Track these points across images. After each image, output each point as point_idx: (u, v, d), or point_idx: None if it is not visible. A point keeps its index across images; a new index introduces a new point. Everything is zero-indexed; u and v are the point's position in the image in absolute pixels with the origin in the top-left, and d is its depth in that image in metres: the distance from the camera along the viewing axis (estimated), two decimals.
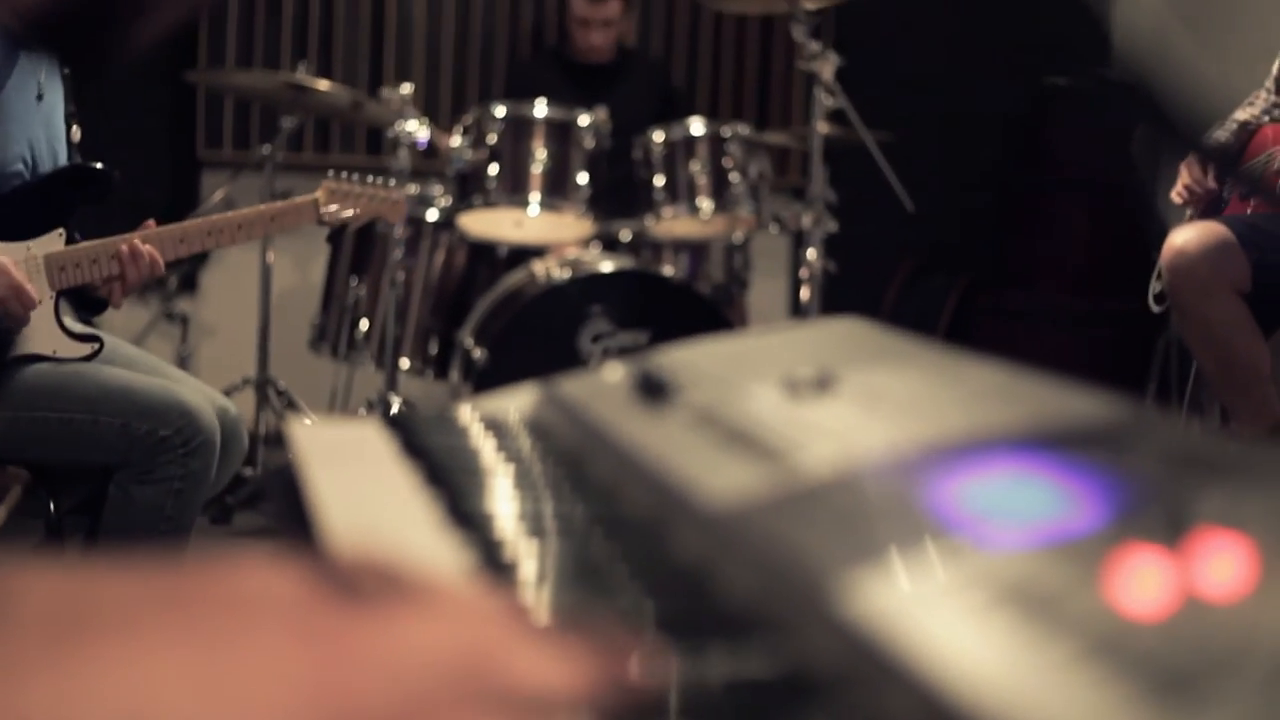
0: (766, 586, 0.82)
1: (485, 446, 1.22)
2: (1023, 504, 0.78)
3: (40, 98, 2.87)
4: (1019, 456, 0.86)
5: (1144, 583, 0.69)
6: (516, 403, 1.37)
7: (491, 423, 1.31)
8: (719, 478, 0.94)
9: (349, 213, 3.19)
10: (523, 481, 1.12)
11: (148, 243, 2.83)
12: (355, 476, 1.12)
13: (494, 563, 0.90)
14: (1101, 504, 0.75)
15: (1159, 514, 0.73)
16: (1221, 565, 0.68)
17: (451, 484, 1.06)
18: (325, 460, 1.11)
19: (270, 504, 3.17)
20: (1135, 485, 0.77)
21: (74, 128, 3.00)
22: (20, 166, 2.81)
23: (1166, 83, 3.77)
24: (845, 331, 1.33)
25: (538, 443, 1.24)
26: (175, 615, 0.52)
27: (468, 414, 1.32)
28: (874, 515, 0.83)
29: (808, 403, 1.04)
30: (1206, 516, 0.71)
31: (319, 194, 3.15)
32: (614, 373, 1.27)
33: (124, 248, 2.81)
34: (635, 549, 0.94)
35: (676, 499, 0.97)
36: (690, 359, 1.27)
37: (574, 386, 1.31)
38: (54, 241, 2.82)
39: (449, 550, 0.93)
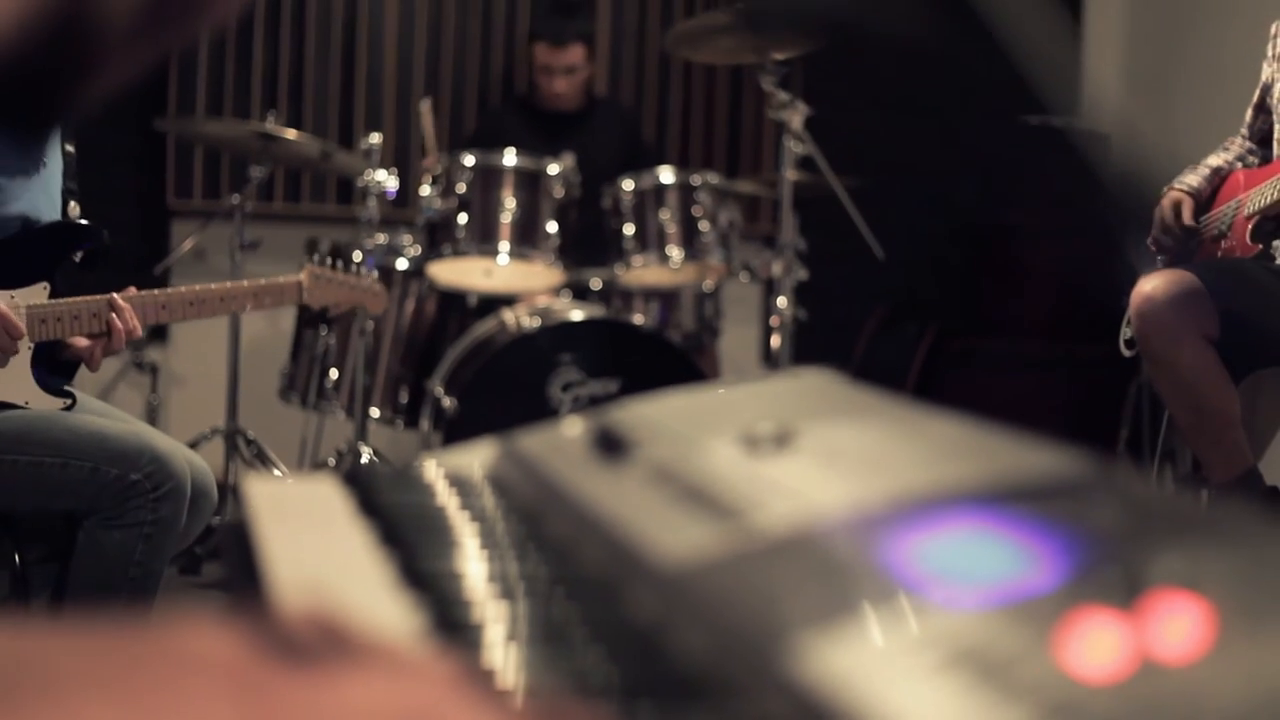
0: (720, 647, 0.81)
1: (442, 504, 1.21)
2: (979, 563, 0.78)
3: (44, 165, 2.89)
4: (977, 514, 0.85)
5: (1098, 645, 0.68)
6: (476, 458, 1.36)
7: (450, 479, 1.29)
8: (674, 536, 0.93)
9: (330, 300, 3.19)
10: (480, 540, 1.11)
11: (129, 306, 2.82)
12: (308, 534, 1.11)
13: (445, 623, 0.89)
14: (1058, 564, 0.75)
15: (1115, 575, 0.73)
16: (1177, 627, 0.68)
17: (406, 543, 1.05)
18: (279, 517, 1.09)
19: (223, 561, 3.16)
20: (1092, 545, 0.77)
21: (72, 203, 3.00)
22: (16, 229, 2.81)
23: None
24: (807, 385, 1.33)
25: (496, 500, 1.23)
26: (109, 678, 0.51)
27: (427, 470, 1.31)
28: (829, 575, 0.82)
29: (766, 459, 1.03)
30: (1162, 577, 0.71)
31: (303, 277, 3.14)
32: (573, 428, 1.27)
33: (111, 313, 2.80)
34: (592, 609, 0.93)
35: (631, 557, 0.96)
36: (650, 413, 1.26)
37: (533, 442, 1.30)
38: (37, 293, 2.82)
39: (399, 610, 0.92)
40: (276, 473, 4.62)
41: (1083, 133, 6.06)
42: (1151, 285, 3.72)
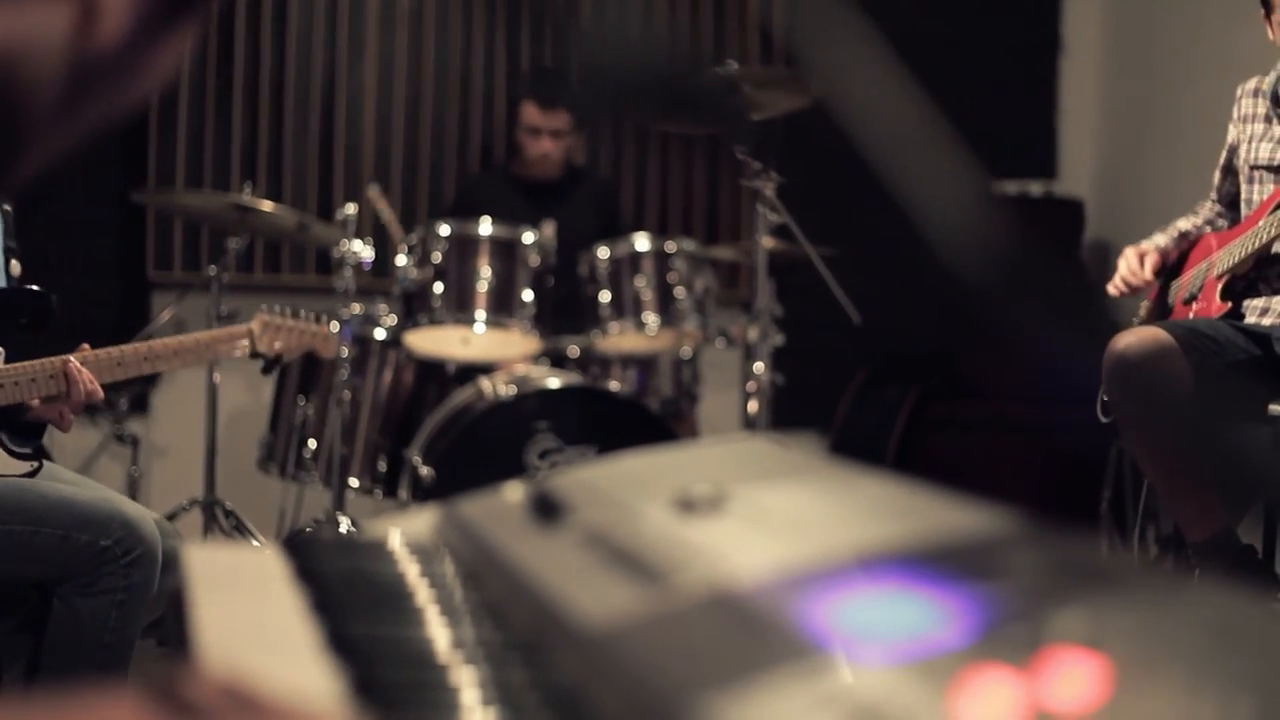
0: (634, 710, 0.82)
1: (379, 570, 1.22)
2: (891, 621, 0.80)
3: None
4: (894, 574, 0.88)
5: (994, 700, 0.70)
6: (419, 523, 1.37)
7: (390, 545, 1.30)
8: (597, 599, 0.95)
9: (280, 344, 3.20)
10: (412, 605, 1.12)
11: (85, 366, 2.83)
12: (242, 601, 1.12)
13: (367, 687, 0.90)
14: (967, 621, 0.77)
15: (1019, 632, 0.75)
16: (1073, 683, 0.70)
17: (336, 608, 1.06)
18: (214, 585, 1.11)
19: (162, 629, 3.16)
20: (1002, 602, 0.79)
21: (13, 261, 3.01)
22: None
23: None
24: (743, 448, 1.35)
25: (434, 565, 1.24)
26: None
27: (367, 536, 1.32)
28: (744, 636, 0.84)
29: (696, 522, 1.05)
30: (1064, 634, 0.73)
31: (254, 325, 3.16)
32: (512, 493, 1.28)
33: (66, 370, 2.80)
34: (518, 672, 0.94)
35: (555, 620, 0.98)
36: (588, 478, 1.28)
37: (474, 507, 1.32)
38: None
39: (323, 675, 0.93)
40: (254, 543, 4.61)
41: (1059, 198, 6.11)
42: (1124, 344, 3.72)
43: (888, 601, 0.83)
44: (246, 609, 1.11)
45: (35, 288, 2.92)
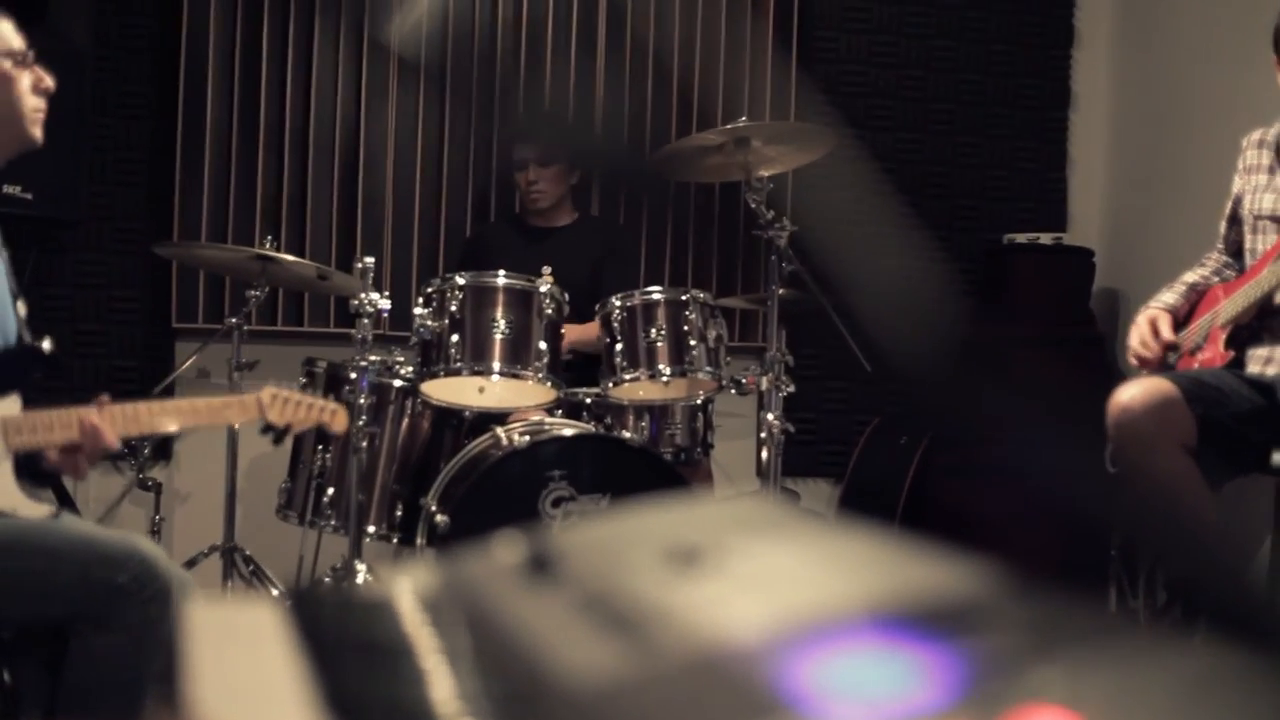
0: None
1: (377, 627, 1.23)
2: (871, 682, 0.80)
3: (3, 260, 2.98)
4: (878, 635, 0.88)
5: None
6: (418, 580, 1.39)
7: (388, 602, 1.30)
8: (586, 658, 0.96)
9: (290, 419, 3.25)
10: (408, 663, 1.13)
11: (102, 418, 2.88)
12: (240, 658, 1.13)
13: None
14: (946, 681, 0.78)
15: (997, 690, 0.76)
16: None
17: (333, 666, 1.07)
18: (214, 641, 1.13)
19: (164, 685, 3.19)
20: (980, 661, 0.80)
21: (19, 302, 3.07)
22: None
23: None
24: (739, 507, 1.36)
25: (432, 623, 1.24)
26: None
27: (368, 592, 1.34)
28: (728, 698, 0.85)
29: (688, 582, 1.06)
30: (1041, 692, 0.74)
31: (263, 396, 3.20)
32: (508, 549, 1.30)
33: (82, 422, 2.86)
34: None
35: (546, 680, 0.98)
36: (584, 534, 1.28)
37: (470, 563, 1.32)
38: (11, 405, 2.89)
39: None
40: (274, 591, 4.66)
41: (1069, 248, 6.14)
42: (1129, 395, 3.73)
43: (871, 662, 0.84)
44: (244, 666, 1.12)
45: (35, 344, 2.99)
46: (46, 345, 2.96)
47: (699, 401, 4.75)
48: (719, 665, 0.88)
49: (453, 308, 4.37)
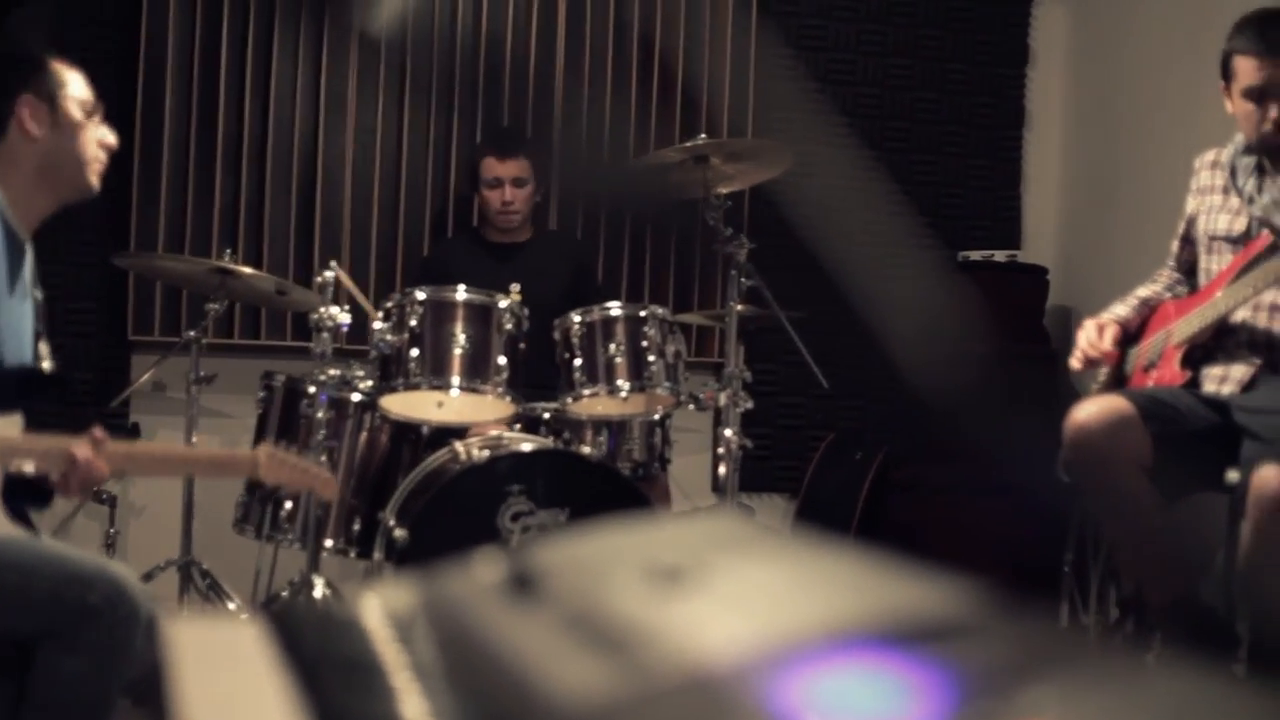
0: None
1: (360, 646, 1.23)
2: (858, 702, 0.81)
3: (20, 309, 3.00)
4: (862, 653, 0.89)
5: None
6: (399, 597, 1.39)
7: (370, 620, 1.31)
8: (571, 678, 0.96)
9: (282, 480, 3.26)
10: (391, 682, 1.14)
11: (97, 453, 2.87)
12: (225, 676, 1.14)
13: None
14: (933, 700, 0.78)
15: (983, 709, 0.77)
16: None
17: (320, 685, 1.08)
18: (198, 659, 1.13)
19: (148, 705, 3.18)
20: (966, 680, 0.81)
21: (41, 344, 3.09)
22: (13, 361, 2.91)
23: None
24: (719, 524, 1.37)
25: (411, 642, 1.25)
26: None
27: (348, 609, 1.34)
28: (714, 717, 0.86)
29: (672, 601, 1.06)
30: (1028, 712, 0.75)
31: (260, 454, 3.21)
32: (489, 567, 1.30)
33: (78, 455, 2.85)
34: None
35: (528, 699, 0.98)
36: (565, 552, 1.29)
37: (451, 580, 1.33)
38: (12, 425, 2.88)
39: None
40: (230, 605, 4.64)
41: (1022, 266, 6.19)
42: (1085, 414, 3.76)
43: (859, 681, 0.84)
44: (229, 684, 1.13)
45: (36, 365, 3.00)
46: (46, 365, 2.98)
47: (657, 417, 4.76)
48: (706, 685, 0.89)
49: (412, 322, 4.37)
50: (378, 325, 4.42)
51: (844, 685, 0.84)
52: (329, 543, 4.60)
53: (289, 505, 4.60)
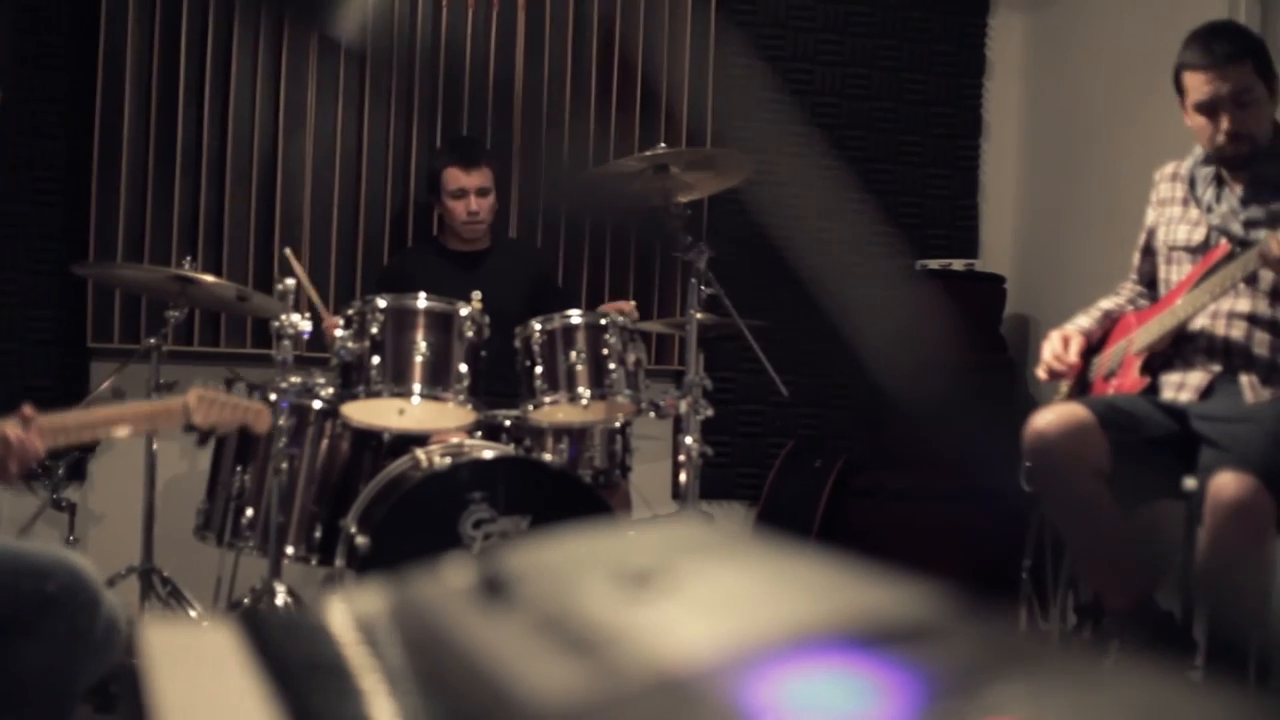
0: None
1: (333, 650, 1.24)
2: (828, 703, 0.82)
3: None
4: (836, 655, 0.89)
5: None
6: (370, 601, 1.40)
7: (343, 625, 1.32)
8: (542, 680, 0.96)
9: (214, 419, 3.25)
10: (366, 684, 1.14)
11: (28, 429, 2.87)
12: (200, 680, 1.14)
13: None
14: (900, 700, 0.79)
15: (950, 709, 0.77)
16: None
17: (294, 689, 1.08)
18: (172, 662, 1.13)
19: (120, 707, 3.18)
20: (933, 680, 0.82)
21: None
22: None
23: None
24: (688, 528, 1.37)
25: (380, 645, 1.26)
26: None
27: (320, 614, 1.34)
28: (685, 718, 0.86)
29: (643, 604, 1.07)
30: (994, 712, 0.76)
31: (189, 399, 3.20)
32: (460, 572, 1.31)
33: (10, 435, 2.85)
34: None
35: (500, 702, 0.98)
36: (536, 557, 1.29)
37: (423, 585, 1.33)
38: None
39: None
40: (191, 612, 4.63)
41: (980, 275, 6.22)
42: (1044, 421, 3.78)
43: (829, 682, 0.85)
44: (204, 688, 1.13)
45: None
46: None
47: (618, 424, 4.77)
48: (677, 686, 0.89)
49: (373, 330, 4.37)
50: (339, 333, 4.41)
51: (812, 686, 0.84)
52: (290, 550, 4.59)
53: (250, 512, 4.59)
